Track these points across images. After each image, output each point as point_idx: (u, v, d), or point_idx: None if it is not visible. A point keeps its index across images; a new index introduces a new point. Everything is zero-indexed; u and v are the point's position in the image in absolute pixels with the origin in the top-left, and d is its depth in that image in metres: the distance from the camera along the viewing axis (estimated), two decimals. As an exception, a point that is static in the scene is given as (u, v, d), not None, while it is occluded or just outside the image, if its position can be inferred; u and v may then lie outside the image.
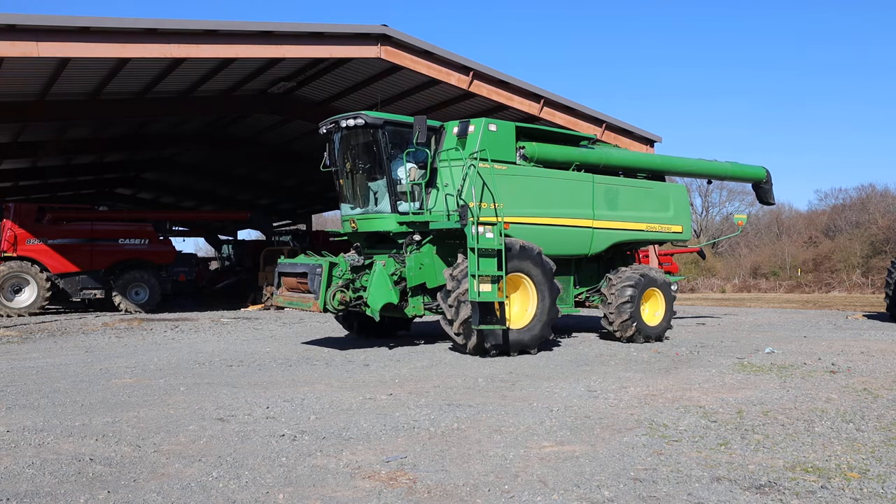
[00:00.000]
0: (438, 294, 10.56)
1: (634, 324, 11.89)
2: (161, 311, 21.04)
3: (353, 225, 11.66)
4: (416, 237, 11.08)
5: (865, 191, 55.47)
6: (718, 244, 57.44)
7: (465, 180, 10.47)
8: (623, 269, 12.50)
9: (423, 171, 11.03)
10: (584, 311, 13.89)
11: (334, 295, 10.43)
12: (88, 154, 27.12)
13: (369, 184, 11.47)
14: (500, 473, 4.54)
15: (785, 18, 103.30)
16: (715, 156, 15.21)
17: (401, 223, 11.04)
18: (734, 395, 7.14)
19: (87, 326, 15.99)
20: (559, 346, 11.68)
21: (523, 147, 11.64)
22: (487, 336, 10.00)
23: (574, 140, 12.88)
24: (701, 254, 39.32)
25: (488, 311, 9.85)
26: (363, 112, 11.12)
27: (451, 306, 10.05)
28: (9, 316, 18.89)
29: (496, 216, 10.44)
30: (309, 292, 10.79)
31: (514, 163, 11.41)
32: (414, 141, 10.52)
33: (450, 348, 11.02)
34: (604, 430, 5.68)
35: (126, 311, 20.60)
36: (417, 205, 11.00)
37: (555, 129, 13.03)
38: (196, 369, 9.23)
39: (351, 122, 11.04)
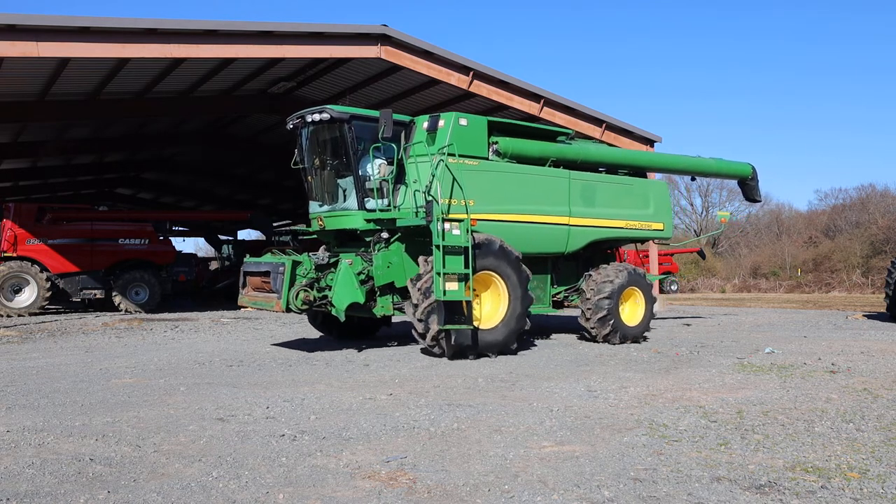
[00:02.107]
0: (405, 304, 10.23)
1: (612, 321, 11.66)
2: (161, 311, 21.04)
3: (320, 223, 11.35)
4: (384, 235, 10.77)
5: (865, 191, 55.58)
6: (718, 244, 57.57)
7: (433, 176, 10.16)
8: (604, 266, 12.28)
9: (392, 167, 10.69)
10: (565, 312, 13.56)
11: (297, 294, 10.16)
12: (88, 154, 27.13)
13: (337, 180, 11.14)
14: (500, 473, 4.54)
15: (785, 18, 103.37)
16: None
17: (368, 220, 10.74)
18: (734, 395, 7.14)
19: (87, 326, 15.99)
20: (559, 346, 11.67)
21: (496, 142, 11.31)
22: (456, 336, 9.72)
23: (551, 135, 12.45)
24: (701, 254, 39.45)
25: (455, 311, 9.59)
26: (328, 106, 10.82)
27: (420, 320, 9.73)
28: (9, 316, 18.89)
29: (467, 213, 10.10)
30: (273, 292, 10.49)
31: (487, 158, 11.10)
32: (380, 136, 10.18)
33: (422, 350, 10.67)
34: (604, 430, 5.68)
35: (126, 311, 20.59)
36: (386, 202, 10.67)
37: (531, 124, 12.63)
38: (196, 369, 9.23)
39: (316, 117, 10.74)
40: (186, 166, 32.42)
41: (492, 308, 10.42)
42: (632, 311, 12.25)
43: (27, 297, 19.57)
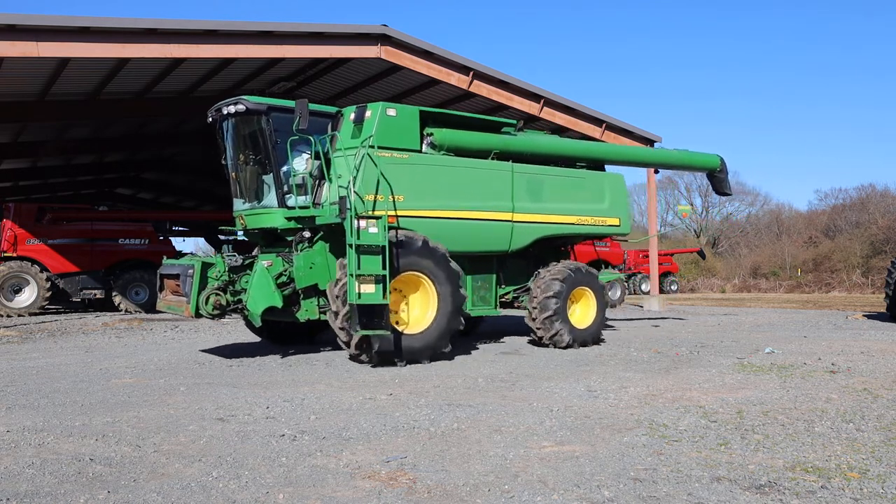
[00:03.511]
0: (328, 312, 9.64)
1: (558, 321, 11.03)
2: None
3: (242, 221, 10.80)
4: (306, 234, 10.17)
5: (865, 191, 55.56)
6: (718, 244, 57.61)
7: (357, 170, 9.49)
8: (554, 264, 11.62)
9: (317, 162, 10.05)
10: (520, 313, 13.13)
11: (207, 298, 9.57)
12: (88, 154, 27.13)
13: (261, 177, 10.54)
14: (500, 473, 4.54)
15: (785, 18, 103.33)
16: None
17: (289, 218, 10.13)
18: (734, 395, 7.15)
19: (87, 326, 16.00)
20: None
21: (431, 134, 10.57)
22: (380, 343, 9.09)
23: (495, 126, 11.54)
24: (701, 254, 39.50)
25: (374, 315, 8.88)
26: (244, 97, 10.23)
27: (342, 328, 9.18)
28: (9, 316, 18.89)
29: (395, 210, 9.55)
30: (184, 296, 9.92)
31: (419, 151, 10.37)
32: (294, 127, 9.49)
33: (349, 357, 10.12)
34: (604, 430, 5.68)
35: (126, 311, 20.60)
36: (309, 198, 10.05)
37: (472, 114, 11.69)
38: (196, 369, 9.23)
39: (231, 109, 10.17)
40: (186, 166, 32.38)
41: (421, 311, 9.79)
42: (583, 313, 11.68)
43: (27, 297, 19.59)
